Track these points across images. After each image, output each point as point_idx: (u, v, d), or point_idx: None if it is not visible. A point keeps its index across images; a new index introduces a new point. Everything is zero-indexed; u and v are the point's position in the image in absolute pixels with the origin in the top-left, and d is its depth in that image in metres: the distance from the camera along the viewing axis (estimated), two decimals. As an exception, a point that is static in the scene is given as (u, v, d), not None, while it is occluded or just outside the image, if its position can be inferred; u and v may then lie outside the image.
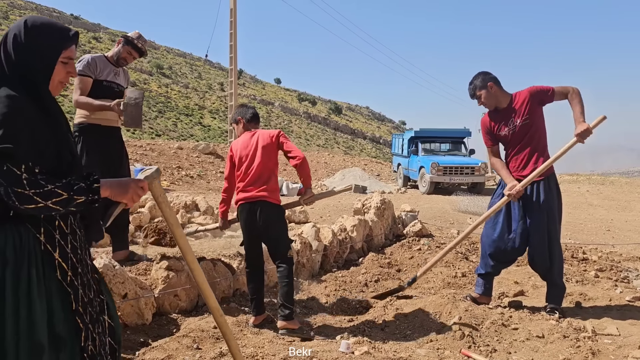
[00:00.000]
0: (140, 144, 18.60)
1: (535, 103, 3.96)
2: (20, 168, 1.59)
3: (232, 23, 27.46)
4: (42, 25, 1.77)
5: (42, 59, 1.75)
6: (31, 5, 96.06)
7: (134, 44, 4.27)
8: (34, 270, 1.70)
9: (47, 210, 1.63)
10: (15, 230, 1.70)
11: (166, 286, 3.86)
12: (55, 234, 1.76)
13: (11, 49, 1.73)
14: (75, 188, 1.67)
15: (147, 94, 71.20)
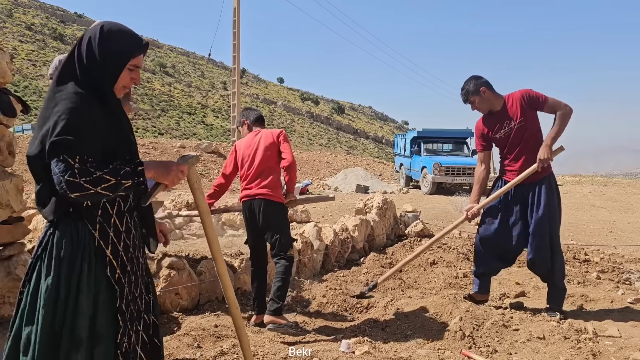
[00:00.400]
0: (142, 143, 18.63)
1: (527, 106, 3.95)
2: (75, 159, 1.65)
3: (235, 22, 27.46)
4: (117, 31, 1.85)
5: (110, 64, 1.83)
6: (35, 3, 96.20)
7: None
8: (85, 265, 1.75)
9: (98, 196, 1.68)
10: (74, 225, 1.76)
11: (167, 284, 3.87)
12: (110, 231, 1.82)
13: (84, 51, 1.81)
14: (122, 172, 1.71)
15: (149, 92, 71.40)
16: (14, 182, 2.70)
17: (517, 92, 4.03)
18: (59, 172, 1.63)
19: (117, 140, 1.83)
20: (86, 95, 1.74)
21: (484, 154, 4.22)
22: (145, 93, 71.13)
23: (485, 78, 4.11)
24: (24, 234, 2.80)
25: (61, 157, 1.64)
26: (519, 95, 3.98)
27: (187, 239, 6.55)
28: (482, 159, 4.24)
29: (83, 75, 1.79)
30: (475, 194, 4.18)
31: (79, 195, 1.64)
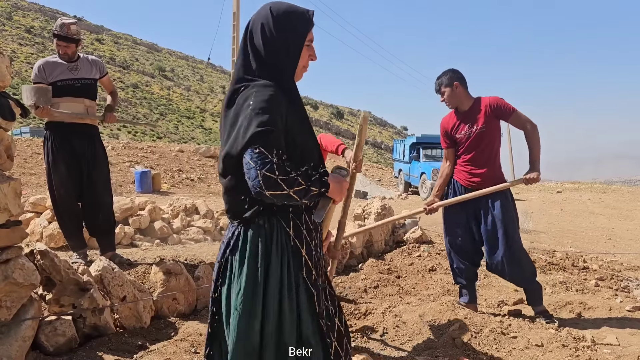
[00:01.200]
0: (141, 147, 18.62)
1: (493, 115, 3.94)
2: (272, 153, 1.57)
3: (235, 26, 27.52)
4: (287, 11, 1.75)
5: (292, 45, 1.74)
6: (35, 6, 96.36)
7: (53, 34, 4.15)
8: (285, 266, 1.67)
9: (288, 198, 1.58)
10: (267, 223, 1.68)
11: (165, 289, 3.85)
12: (302, 228, 1.73)
13: (260, 40, 1.73)
14: (313, 179, 1.63)
15: (148, 96, 71.43)
16: (12, 185, 2.69)
17: (487, 98, 4.02)
18: (255, 166, 1.54)
19: (300, 130, 1.75)
20: (275, 86, 1.67)
21: (448, 151, 4.23)
22: (144, 97, 71.16)
23: (462, 74, 4.11)
24: (21, 237, 2.78)
25: (257, 150, 1.55)
26: (488, 101, 3.98)
27: (184, 243, 6.54)
28: (447, 156, 4.24)
29: (264, 66, 1.72)
30: (437, 188, 4.21)
31: (273, 194, 1.55)
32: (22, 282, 2.65)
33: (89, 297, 3.12)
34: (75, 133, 4.13)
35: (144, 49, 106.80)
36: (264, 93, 1.63)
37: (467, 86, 4.08)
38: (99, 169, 4.27)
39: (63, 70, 4.12)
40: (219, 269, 1.75)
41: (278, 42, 1.72)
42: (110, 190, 4.43)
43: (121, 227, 6.25)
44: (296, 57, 1.76)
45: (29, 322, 2.76)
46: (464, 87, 4.06)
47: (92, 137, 4.24)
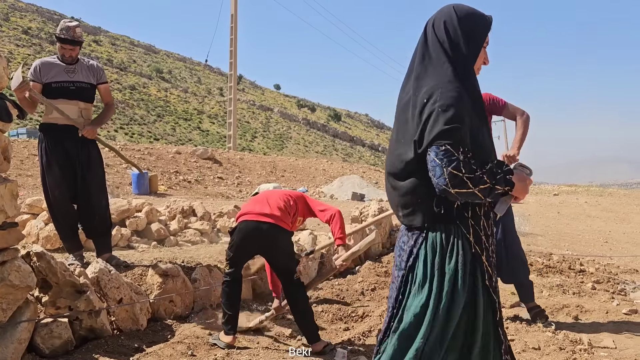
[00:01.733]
0: (138, 148, 18.58)
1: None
2: (458, 150, 1.55)
3: (233, 29, 27.57)
4: (470, 12, 1.78)
5: (473, 44, 1.76)
6: (32, 7, 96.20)
7: (59, 37, 4.14)
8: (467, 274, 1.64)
9: (473, 196, 1.57)
10: (446, 230, 1.66)
11: (161, 292, 3.84)
12: (482, 234, 1.69)
13: (444, 37, 1.74)
14: (498, 177, 1.59)
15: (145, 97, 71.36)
16: (8, 187, 2.68)
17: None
18: (441, 164, 1.53)
19: (484, 132, 1.73)
20: (459, 83, 1.67)
21: None
22: (141, 98, 71.09)
23: None
24: (17, 239, 2.77)
25: (444, 148, 1.54)
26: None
27: (181, 245, 6.52)
28: None
29: (444, 63, 1.72)
30: None
31: (459, 192, 1.53)
32: (18, 284, 2.64)
33: (85, 300, 3.11)
34: (69, 135, 4.10)
35: (142, 51, 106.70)
36: (450, 90, 1.63)
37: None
38: (94, 171, 4.24)
39: (59, 72, 4.11)
40: (403, 278, 1.72)
41: (460, 40, 1.74)
42: (105, 193, 4.40)
43: (118, 229, 6.23)
44: (475, 56, 1.78)
45: (24, 324, 2.75)
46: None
47: (86, 140, 4.20)
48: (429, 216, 1.66)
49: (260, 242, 3.48)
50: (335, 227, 3.62)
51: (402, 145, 1.71)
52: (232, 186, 16.87)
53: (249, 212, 3.52)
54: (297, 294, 3.47)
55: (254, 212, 3.49)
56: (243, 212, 3.58)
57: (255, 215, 3.47)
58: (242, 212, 3.59)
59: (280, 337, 3.79)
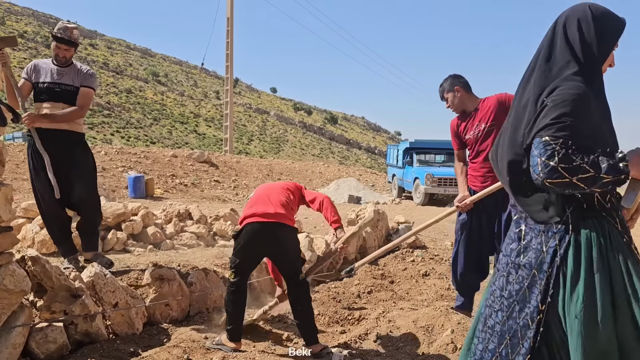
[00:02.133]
0: (134, 152, 18.55)
1: (502, 111, 3.85)
2: (558, 142, 1.58)
3: (229, 32, 27.60)
4: (605, 13, 1.79)
5: (603, 44, 1.76)
6: (28, 11, 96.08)
7: (55, 36, 4.12)
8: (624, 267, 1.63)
9: (571, 187, 1.59)
10: (597, 223, 1.67)
11: (157, 295, 3.83)
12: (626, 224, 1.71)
13: (575, 34, 1.76)
14: (604, 166, 1.59)
15: (142, 101, 71.30)
16: (3, 191, 2.67)
17: (494, 96, 3.98)
18: (538, 155, 1.58)
19: (605, 128, 1.74)
20: (582, 80, 1.69)
21: (459, 152, 4.19)
22: (137, 102, 71.02)
23: (464, 78, 4.09)
24: (12, 243, 2.76)
25: (544, 139, 1.59)
26: (495, 98, 3.93)
27: (177, 249, 6.51)
28: (460, 157, 4.19)
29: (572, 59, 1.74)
30: (463, 184, 4.06)
31: (552, 182, 1.57)
32: (13, 288, 2.63)
33: (80, 304, 3.10)
34: (53, 139, 4.03)
35: (138, 54, 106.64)
36: (569, 86, 1.66)
37: (469, 88, 4.06)
38: (81, 169, 4.16)
39: (48, 73, 4.10)
40: (548, 279, 1.70)
41: (593, 40, 1.75)
42: (94, 191, 4.30)
43: (114, 233, 6.21)
44: (604, 57, 1.79)
45: (19, 329, 2.74)
46: (466, 90, 4.04)
47: (71, 144, 4.13)
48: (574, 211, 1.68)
49: (269, 244, 3.40)
50: (327, 212, 3.59)
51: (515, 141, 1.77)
52: (229, 189, 16.86)
53: (253, 214, 3.38)
54: (301, 294, 3.43)
55: (258, 214, 3.36)
56: (247, 214, 3.43)
57: (260, 216, 3.35)
58: (246, 214, 3.44)
59: (276, 340, 3.79)
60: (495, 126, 3.89)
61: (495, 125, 3.89)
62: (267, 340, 3.77)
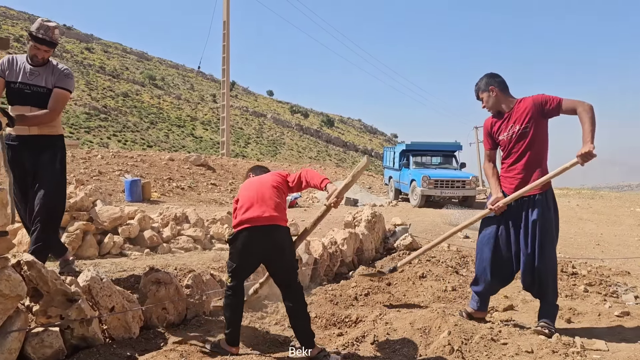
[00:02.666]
0: (131, 155, 18.52)
1: (537, 113, 3.81)
2: None
3: (225, 35, 27.61)
4: None
5: None
6: (24, 15, 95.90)
7: (33, 36, 3.83)
8: None
9: None
10: None
11: (154, 299, 3.82)
12: None
13: None
14: None
15: (138, 104, 71.16)
16: (-2, 195, 2.66)
17: (530, 97, 3.90)
18: None
19: None
20: None
21: (490, 152, 4.16)
22: (134, 105, 70.90)
23: (501, 77, 4.03)
24: (8, 248, 2.75)
25: None
26: (531, 100, 3.86)
27: (174, 252, 6.50)
28: (490, 157, 4.17)
29: None
30: (496, 186, 4.02)
31: None
32: (8, 293, 2.62)
33: (76, 308, 3.08)
34: (24, 147, 3.89)
35: (134, 58, 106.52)
36: None
37: (506, 88, 4.01)
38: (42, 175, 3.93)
39: (21, 72, 3.89)
40: None
41: None
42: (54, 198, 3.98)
43: (110, 237, 6.20)
44: None
45: (15, 334, 2.73)
46: (502, 90, 3.99)
47: (41, 148, 3.94)
48: None
49: (267, 250, 3.34)
50: (313, 180, 3.50)
51: None
52: (226, 192, 16.84)
53: (249, 219, 3.30)
54: (297, 299, 3.39)
55: (254, 217, 3.29)
56: (243, 218, 3.32)
57: (256, 219, 3.29)
58: (242, 218, 3.33)
59: (274, 344, 3.78)
60: (528, 129, 3.85)
61: (529, 127, 3.85)
62: (265, 344, 3.77)
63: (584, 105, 3.64)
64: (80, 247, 5.90)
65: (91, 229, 6.08)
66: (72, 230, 5.86)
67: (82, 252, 5.88)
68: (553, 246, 3.88)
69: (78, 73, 72.05)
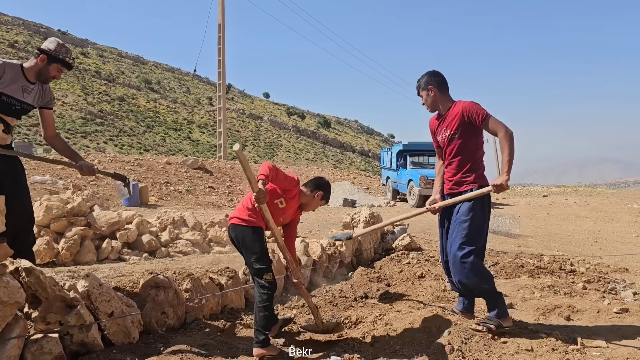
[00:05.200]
0: (128, 160, 18.50)
1: (465, 122, 3.80)
2: None
3: (221, 38, 27.59)
4: None
5: None
6: (18, 20, 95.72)
7: (64, 61, 3.85)
8: None
9: None
10: None
11: (153, 304, 3.81)
12: None
13: None
14: None
15: (134, 108, 71.08)
16: (-5, 202, 2.65)
17: (461, 103, 3.86)
18: None
19: None
20: None
21: (438, 150, 4.15)
22: (130, 110, 70.81)
23: (441, 77, 3.98)
24: (5, 255, 2.75)
25: None
26: (461, 107, 3.82)
27: (173, 256, 6.49)
28: (439, 155, 4.16)
29: None
30: (437, 185, 4.08)
31: None
32: (7, 300, 2.61)
33: (75, 314, 3.08)
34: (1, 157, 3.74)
35: (130, 62, 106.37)
36: None
37: (445, 89, 3.96)
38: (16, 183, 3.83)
39: (17, 87, 3.73)
40: None
41: None
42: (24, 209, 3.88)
43: (108, 242, 6.19)
44: None
45: (14, 341, 2.72)
46: (441, 90, 3.94)
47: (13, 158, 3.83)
48: None
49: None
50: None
51: None
52: (224, 195, 16.82)
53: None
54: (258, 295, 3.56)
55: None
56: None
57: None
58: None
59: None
60: (457, 134, 3.85)
61: (457, 134, 3.85)
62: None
63: (504, 131, 3.64)
64: (79, 252, 5.89)
65: (89, 234, 6.07)
66: (70, 236, 5.85)
67: (80, 257, 5.87)
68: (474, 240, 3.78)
69: (73, 78, 71.93)
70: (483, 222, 3.83)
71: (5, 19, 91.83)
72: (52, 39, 3.90)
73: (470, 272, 3.71)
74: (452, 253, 3.80)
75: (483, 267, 3.84)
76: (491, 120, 3.70)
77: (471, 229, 3.75)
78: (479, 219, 3.79)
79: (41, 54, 3.81)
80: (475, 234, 3.77)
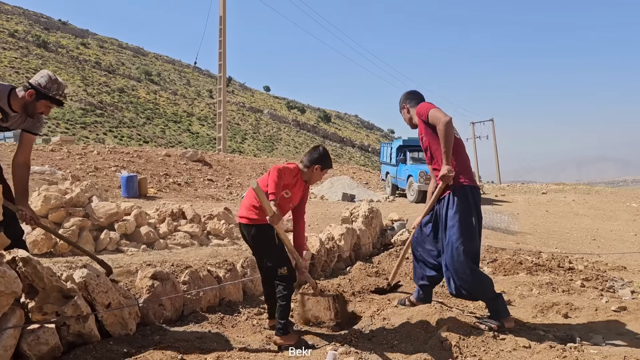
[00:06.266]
0: (127, 151, 18.46)
1: (422, 121, 3.97)
2: None
3: (222, 30, 27.50)
4: None
5: None
6: (18, 10, 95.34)
7: (54, 99, 3.60)
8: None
9: None
10: None
11: (151, 295, 3.80)
12: None
13: None
14: None
15: (134, 100, 70.95)
16: (-8, 191, 2.64)
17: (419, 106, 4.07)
18: None
19: None
20: None
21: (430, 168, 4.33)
22: (130, 101, 70.66)
23: (416, 97, 4.17)
24: (2, 244, 2.74)
25: None
26: (416, 111, 4.04)
27: (171, 248, 6.48)
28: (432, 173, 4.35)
29: None
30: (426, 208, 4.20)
31: None
32: (4, 290, 2.60)
33: (72, 305, 3.07)
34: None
35: (130, 53, 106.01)
36: None
37: (417, 103, 4.11)
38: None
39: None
40: None
41: None
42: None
43: (106, 233, 6.18)
44: None
45: (10, 330, 2.71)
46: (413, 106, 4.12)
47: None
48: None
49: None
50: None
51: None
52: (223, 188, 16.81)
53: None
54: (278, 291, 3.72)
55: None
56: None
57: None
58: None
59: (271, 340, 3.77)
60: (423, 135, 4.02)
61: (423, 134, 4.02)
62: (261, 339, 3.76)
63: (440, 123, 3.71)
64: (77, 243, 5.87)
65: (87, 225, 6.06)
66: (68, 227, 5.83)
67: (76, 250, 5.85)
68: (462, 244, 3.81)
69: (74, 69, 71.74)
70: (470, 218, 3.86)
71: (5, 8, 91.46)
72: (45, 73, 3.62)
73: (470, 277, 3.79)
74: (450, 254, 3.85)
75: (479, 271, 3.89)
76: (431, 115, 3.82)
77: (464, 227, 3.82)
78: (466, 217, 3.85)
79: (30, 89, 3.55)
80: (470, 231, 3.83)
